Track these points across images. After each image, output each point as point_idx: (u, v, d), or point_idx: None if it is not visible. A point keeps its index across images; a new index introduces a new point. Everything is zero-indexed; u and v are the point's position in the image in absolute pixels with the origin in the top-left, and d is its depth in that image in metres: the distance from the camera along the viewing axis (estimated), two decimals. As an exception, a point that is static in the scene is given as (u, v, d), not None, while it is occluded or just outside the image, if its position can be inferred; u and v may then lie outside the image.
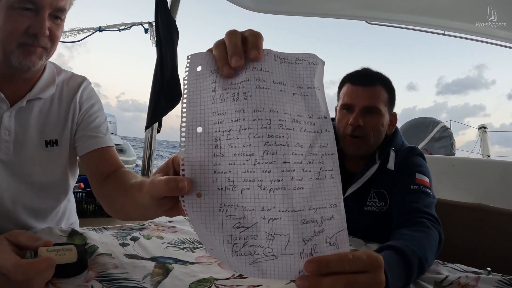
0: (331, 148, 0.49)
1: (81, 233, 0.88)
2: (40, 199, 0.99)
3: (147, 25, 2.81)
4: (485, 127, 5.51)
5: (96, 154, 1.01)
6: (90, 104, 1.07)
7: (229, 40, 0.48)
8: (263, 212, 0.46)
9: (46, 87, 0.99)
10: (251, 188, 0.46)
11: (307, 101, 0.50)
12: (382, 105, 1.20)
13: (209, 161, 0.47)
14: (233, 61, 0.47)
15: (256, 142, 0.45)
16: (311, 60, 0.52)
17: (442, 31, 2.82)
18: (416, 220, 0.97)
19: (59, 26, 0.91)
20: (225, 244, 0.46)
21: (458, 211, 1.51)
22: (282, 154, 0.45)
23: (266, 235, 0.46)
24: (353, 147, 1.20)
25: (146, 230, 1.00)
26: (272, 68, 0.49)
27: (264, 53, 0.49)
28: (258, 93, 0.47)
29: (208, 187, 0.46)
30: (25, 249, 0.63)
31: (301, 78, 0.51)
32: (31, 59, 0.87)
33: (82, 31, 2.99)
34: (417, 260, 0.76)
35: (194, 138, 0.47)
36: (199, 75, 0.49)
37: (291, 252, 0.45)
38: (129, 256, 0.80)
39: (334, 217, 0.47)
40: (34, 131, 0.96)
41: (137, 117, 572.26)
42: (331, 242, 0.46)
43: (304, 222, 0.45)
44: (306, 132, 0.49)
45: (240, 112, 0.46)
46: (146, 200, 0.53)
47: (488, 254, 1.39)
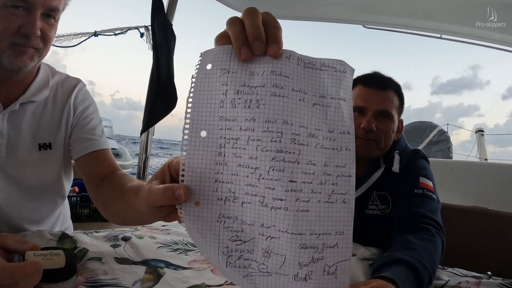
0: (348, 169, 0.44)
1: (71, 236, 0.86)
2: (33, 203, 0.98)
3: (143, 29, 2.80)
4: (482, 131, 5.52)
5: (92, 156, 1.00)
6: (84, 106, 1.05)
7: (249, 19, 0.43)
8: (262, 229, 0.44)
9: (40, 89, 0.97)
10: (252, 203, 0.43)
11: (329, 113, 0.45)
12: (394, 111, 1.20)
13: (211, 169, 0.44)
14: (255, 46, 0.42)
15: (263, 155, 0.42)
16: (338, 67, 0.46)
17: (439, 35, 2.83)
18: (421, 226, 0.95)
19: (52, 26, 0.89)
20: (220, 255, 0.44)
21: (457, 214, 1.50)
22: (289, 172, 0.42)
23: (263, 251, 0.44)
24: (365, 150, 1.17)
25: (138, 231, 0.98)
26: (293, 73, 0.44)
27: (286, 54, 0.43)
28: (272, 101, 0.42)
29: (207, 196, 0.44)
30: (12, 253, 0.62)
31: (325, 86, 0.45)
32: (22, 60, 0.85)
33: (78, 36, 2.99)
34: (428, 275, 0.75)
35: (197, 142, 0.44)
36: (209, 73, 0.44)
37: (286, 273, 0.43)
38: (120, 260, 0.78)
39: (338, 245, 0.43)
40: (27, 134, 0.95)
41: (132, 115, 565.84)
42: (330, 272, 0.43)
43: (303, 247, 0.42)
44: (322, 148, 0.44)
45: (250, 121, 0.42)
46: (143, 207, 0.51)
47: (488, 257, 1.38)
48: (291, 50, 0.44)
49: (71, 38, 2.96)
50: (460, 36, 2.76)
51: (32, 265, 0.54)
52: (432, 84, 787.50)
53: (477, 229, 1.46)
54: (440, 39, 2.89)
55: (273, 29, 0.43)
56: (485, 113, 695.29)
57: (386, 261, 0.77)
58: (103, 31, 2.92)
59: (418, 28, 2.82)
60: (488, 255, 1.38)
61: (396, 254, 0.79)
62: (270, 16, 0.44)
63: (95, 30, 2.87)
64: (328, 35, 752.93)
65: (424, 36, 2.97)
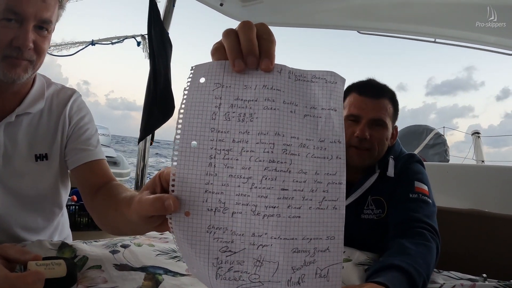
0: (339, 177, 0.46)
1: (71, 245, 0.86)
2: (31, 213, 0.98)
3: (140, 37, 2.82)
4: (479, 133, 5.55)
5: (87, 167, 1.00)
6: (80, 116, 1.06)
7: (244, 32, 0.44)
8: (253, 238, 0.44)
9: (35, 101, 0.98)
10: (243, 212, 0.44)
11: (319, 124, 0.46)
12: (388, 119, 1.21)
13: (201, 180, 0.44)
14: (248, 61, 0.44)
15: (256, 166, 0.44)
16: (329, 78, 0.47)
17: (433, 39, 2.85)
18: (416, 231, 0.96)
19: (45, 38, 0.89)
20: (209, 266, 0.44)
21: (453, 217, 1.50)
22: (281, 181, 0.44)
23: (254, 261, 0.44)
24: (359, 159, 1.19)
25: (137, 239, 0.99)
26: (285, 86, 0.46)
27: (278, 68, 0.46)
28: (265, 114, 0.44)
29: (197, 207, 0.44)
30: (14, 263, 0.63)
31: (316, 98, 0.47)
32: (15, 72, 0.85)
33: (75, 45, 3.01)
34: (422, 281, 0.76)
35: (187, 152, 0.45)
36: (202, 87, 0.46)
37: (278, 280, 0.44)
38: (119, 267, 0.79)
39: (329, 249, 0.44)
40: (24, 145, 0.96)
41: (126, 115, 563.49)
42: (322, 274, 0.44)
43: (295, 251, 0.44)
44: (313, 157, 0.46)
45: (244, 133, 0.44)
46: (134, 218, 0.51)
47: (485, 260, 1.38)
48: (282, 64, 0.46)
49: (68, 47, 2.98)
50: (456, 40, 2.78)
51: (34, 274, 0.55)
52: (427, 85, 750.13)
53: (473, 232, 1.46)
54: (434, 43, 2.92)
55: (266, 42, 0.45)
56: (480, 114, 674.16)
57: (381, 266, 0.78)
58: (100, 40, 2.95)
59: (412, 33, 2.84)
60: (484, 257, 1.39)
61: (390, 260, 0.80)
62: (265, 28, 0.46)
63: (92, 39, 2.90)
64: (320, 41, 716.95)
65: (418, 41, 3.00)
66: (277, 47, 0.46)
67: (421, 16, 2.59)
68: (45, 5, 0.85)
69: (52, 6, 0.87)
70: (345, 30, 3.06)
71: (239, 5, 2.65)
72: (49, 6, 0.86)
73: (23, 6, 0.81)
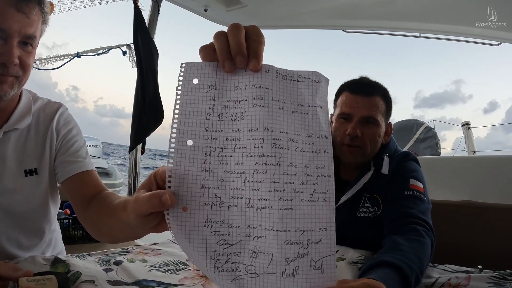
0: (327, 170, 0.48)
1: (64, 260, 0.85)
2: (22, 229, 0.98)
3: (125, 47, 2.81)
4: (469, 124, 5.59)
5: (77, 178, 1.00)
6: (67, 129, 1.05)
7: (233, 35, 0.46)
8: (248, 230, 0.46)
9: (22, 117, 0.97)
10: (238, 205, 0.46)
11: (307, 120, 0.49)
12: (380, 116, 1.21)
13: (197, 176, 0.46)
14: (237, 61, 0.46)
15: (248, 161, 0.46)
16: (314, 78, 0.50)
17: (417, 34, 2.88)
18: (410, 227, 0.96)
19: (30, 54, 0.89)
20: (207, 259, 0.46)
21: (447, 209, 1.51)
22: (272, 174, 0.45)
23: (250, 252, 0.46)
24: (350, 156, 1.20)
25: (129, 254, 0.98)
26: (272, 85, 0.48)
27: (265, 68, 0.48)
28: (254, 112, 0.46)
29: (194, 202, 0.46)
30: (6, 280, 0.63)
31: (302, 96, 0.49)
32: (2, 89, 0.85)
33: (61, 58, 2.99)
34: (414, 276, 0.76)
35: (183, 150, 0.46)
36: (195, 88, 0.48)
37: (273, 271, 0.45)
38: (112, 282, 0.78)
39: (322, 241, 0.45)
40: (12, 161, 0.95)
41: (115, 122, 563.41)
42: (316, 266, 0.45)
43: (288, 243, 0.45)
44: (302, 151, 0.47)
45: (236, 131, 0.47)
46: (132, 218, 0.51)
47: (480, 251, 1.39)
48: (270, 64, 0.48)
49: (54, 61, 2.96)
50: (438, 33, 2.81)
51: None
52: (416, 98, 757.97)
53: (468, 223, 1.47)
54: (419, 37, 2.95)
55: (254, 43, 0.47)
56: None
57: (372, 263, 0.78)
58: (86, 51, 2.94)
59: (396, 29, 2.87)
60: (479, 248, 1.39)
61: (381, 257, 0.79)
62: (254, 30, 0.48)
63: (78, 51, 2.89)
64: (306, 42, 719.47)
65: (403, 36, 3.02)
66: (265, 49, 0.48)
67: (405, 11, 2.62)
68: (29, 21, 0.84)
69: (36, 22, 0.87)
70: (330, 29, 3.08)
71: (223, 10, 2.66)
72: (33, 22, 0.86)
73: (8, 23, 0.81)
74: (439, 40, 2.92)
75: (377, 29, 2.94)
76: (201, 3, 2.61)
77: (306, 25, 2.99)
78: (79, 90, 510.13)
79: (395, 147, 1.28)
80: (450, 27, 2.69)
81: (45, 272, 0.77)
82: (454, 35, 2.79)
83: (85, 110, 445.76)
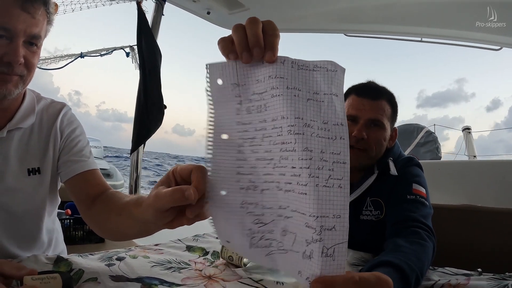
0: (343, 157, 0.48)
1: (66, 259, 0.86)
2: (22, 228, 0.98)
3: (128, 48, 2.82)
4: (469, 128, 5.58)
5: (81, 177, 1.00)
6: (71, 129, 1.06)
7: (251, 28, 0.49)
8: (280, 210, 0.50)
9: (26, 116, 0.98)
10: (270, 189, 0.50)
11: (322, 107, 0.49)
12: (386, 120, 1.22)
13: (233, 164, 0.51)
14: (254, 52, 0.49)
15: (275, 148, 0.49)
16: (330, 67, 0.51)
17: (419, 38, 2.89)
18: (412, 230, 0.96)
19: (35, 53, 0.90)
20: (244, 236, 0.50)
21: (447, 213, 1.51)
22: (291, 160, 0.48)
23: (281, 230, 0.50)
24: (355, 158, 1.20)
25: (132, 251, 0.98)
26: (287, 74, 0.49)
27: (281, 59, 0.49)
28: (273, 102, 0.49)
29: (231, 186, 0.51)
30: (10, 278, 0.64)
31: (318, 84, 0.50)
32: (6, 88, 0.86)
33: (64, 58, 3.00)
34: (414, 276, 0.76)
35: (219, 143, 0.51)
36: (222, 88, 0.52)
37: (297, 250, 0.47)
38: (115, 278, 0.78)
39: (336, 228, 0.45)
40: (15, 160, 0.95)
41: (117, 127, 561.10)
42: (328, 253, 0.45)
43: (307, 226, 0.46)
44: (318, 137, 0.48)
45: (263, 122, 0.50)
46: (149, 213, 0.54)
47: (480, 254, 1.39)
48: (285, 56, 0.50)
49: (57, 61, 2.97)
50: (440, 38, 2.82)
51: None
52: (418, 97, 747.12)
53: (467, 227, 1.47)
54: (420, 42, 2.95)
55: (270, 37, 0.49)
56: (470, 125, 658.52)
57: (373, 263, 0.78)
58: (89, 52, 2.94)
59: (398, 33, 2.88)
60: (479, 251, 1.40)
61: (382, 257, 0.80)
62: (270, 24, 0.50)
63: (81, 52, 2.89)
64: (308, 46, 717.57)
65: (404, 41, 3.03)
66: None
67: (407, 16, 2.62)
68: (34, 21, 0.85)
69: (41, 22, 0.88)
70: (332, 33, 3.09)
71: (225, 13, 2.67)
72: (38, 22, 0.87)
73: (13, 23, 0.82)
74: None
75: (378, 33, 2.94)
76: (204, 6, 2.62)
77: (308, 29, 3.00)
78: (81, 94, 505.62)
79: (399, 152, 1.28)
80: (450, 32, 2.69)
81: (48, 271, 0.78)
82: (455, 40, 2.80)
83: (88, 115, 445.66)
